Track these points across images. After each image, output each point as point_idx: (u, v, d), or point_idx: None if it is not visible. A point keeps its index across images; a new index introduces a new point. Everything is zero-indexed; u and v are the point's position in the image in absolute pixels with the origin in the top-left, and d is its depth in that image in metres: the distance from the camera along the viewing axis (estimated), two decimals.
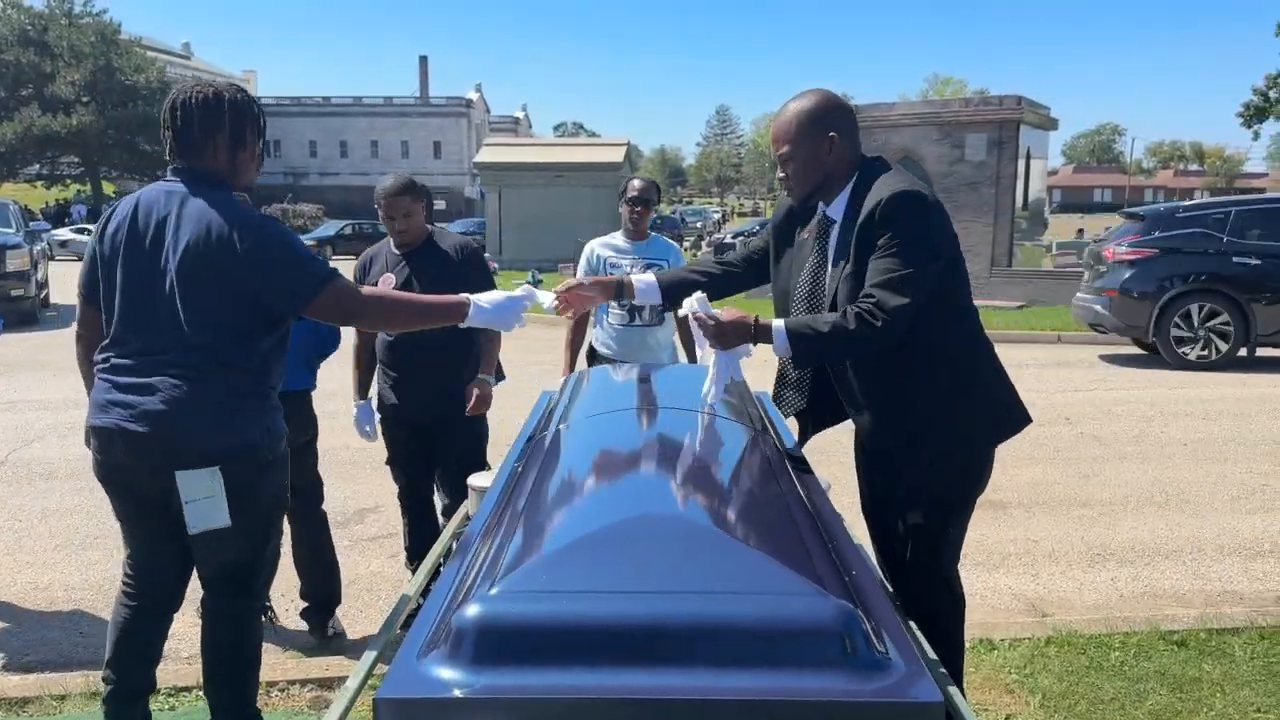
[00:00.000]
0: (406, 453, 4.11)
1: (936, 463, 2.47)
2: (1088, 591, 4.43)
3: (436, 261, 3.99)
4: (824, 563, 1.57)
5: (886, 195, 2.34)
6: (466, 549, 1.74)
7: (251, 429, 2.54)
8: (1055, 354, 11.82)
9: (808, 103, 2.50)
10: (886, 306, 2.30)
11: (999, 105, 16.55)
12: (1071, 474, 6.37)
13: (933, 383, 2.45)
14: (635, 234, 4.60)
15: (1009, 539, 5.11)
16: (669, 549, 1.50)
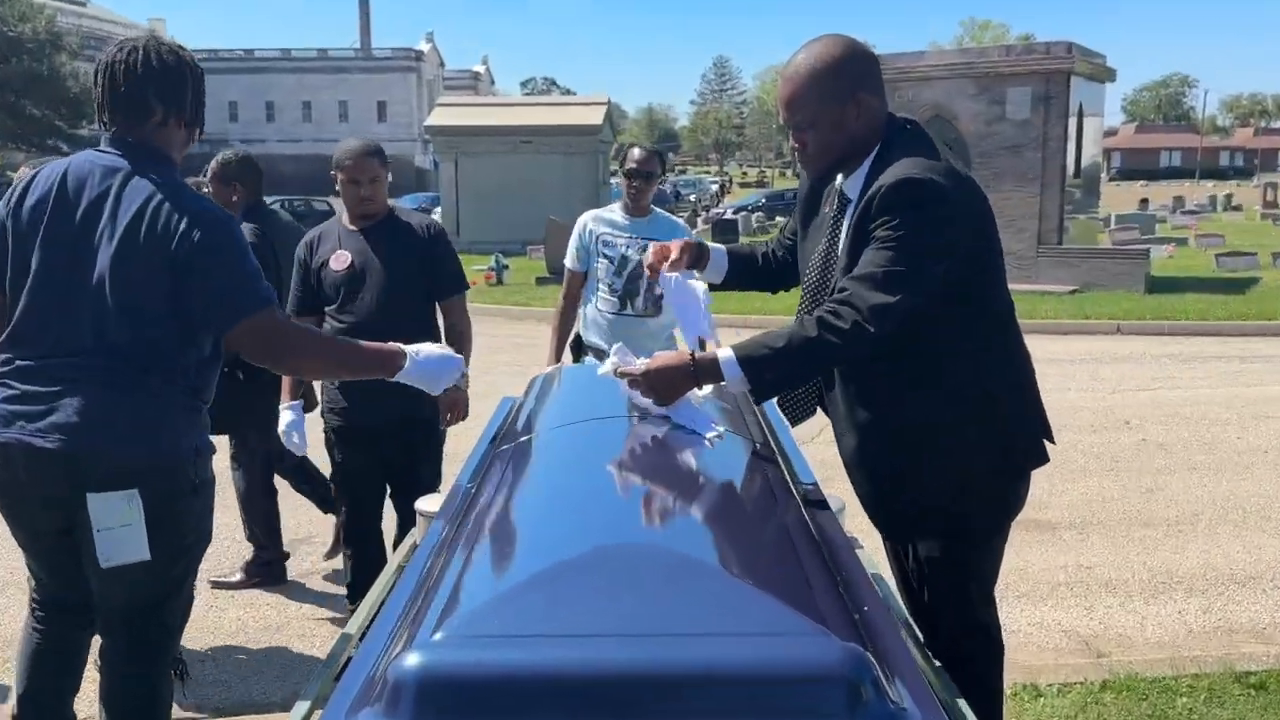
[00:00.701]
0: (357, 470, 4.13)
1: (944, 493, 2.45)
2: (1151, 627, 4.47)
3: (399, 238, 4.04)
4: (829, 598, 1.58)
5: (889, 182, 2.29)
6: (408, 585, 1.74)
7: (179, 446, 2.52)
8: (1113, 347, 11.89)
9: (826, 54, 2.40)
10: (859, 305, 2.23)
11: (1046, 54, 16.62)
12: (1132, 488, 6.42)
13: (935, 403, 2.40)
14: (635, 210, 4.64)
15: (1058, 566, 5.14)
16: (647, 584, 1.50)
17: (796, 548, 1.76)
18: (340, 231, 4.06)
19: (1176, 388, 9.53)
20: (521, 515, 1.96)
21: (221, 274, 2.47)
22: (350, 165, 3.94)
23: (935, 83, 16.87)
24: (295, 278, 4.09)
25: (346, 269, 3.97)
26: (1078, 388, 9.45)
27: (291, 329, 2.65)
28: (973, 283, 2.39)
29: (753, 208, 41.53)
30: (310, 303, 4.06)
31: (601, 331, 4.65)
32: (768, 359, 2.29)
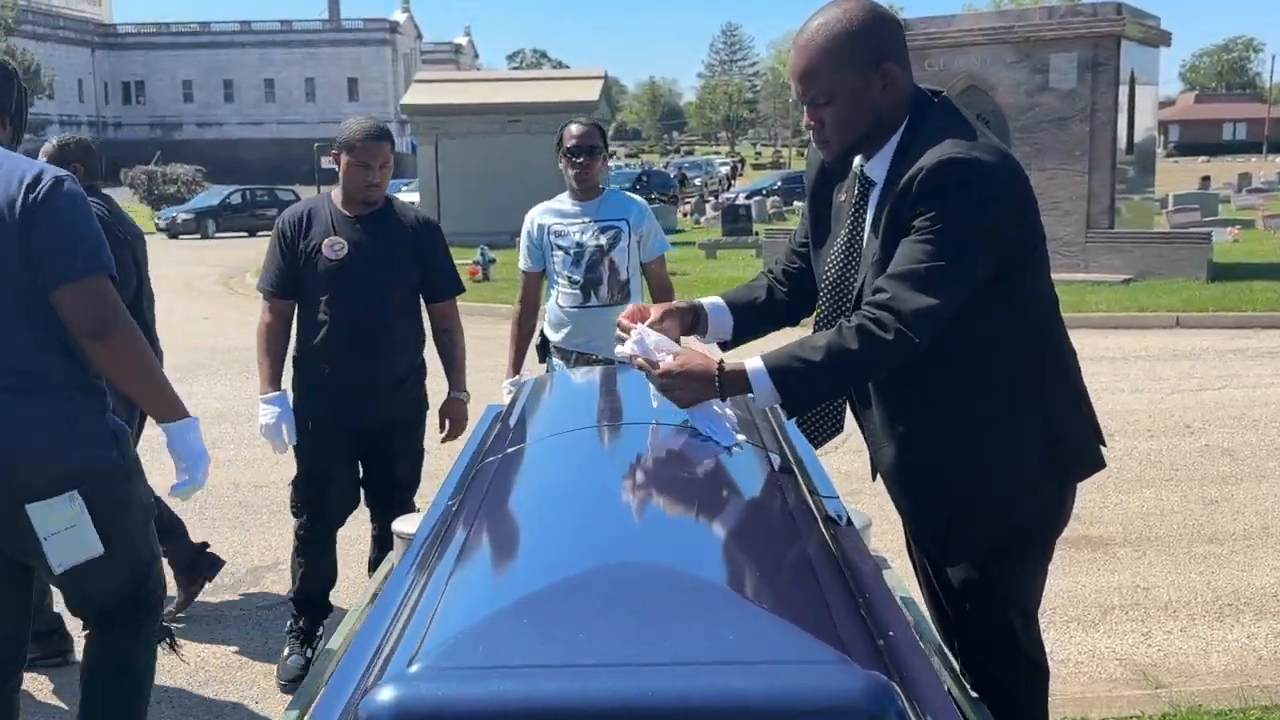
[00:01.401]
0: (325, 474, 4.21)
1: (980, 507, 2.46)
2: (1215, 654, 4.47)
3: (397, 230, 4.15)
4: (851, 623, 1.59)
5: (930, 163, 2.26)
6: (384, 612, 1.75)
7: (101, 438, 2.75)
8: (1173, 341, 11.89)
9: (845, 18, 2.35)
10: (903, 309, 2.22)
11: (1093, 15, 16.62)
12: (1194, 499, 6.42)
13: (973, 407, 2.41)
14: (582, 192, 4.68)
15: (1111, 587, 5.15)
16: (648, 609, 1.51)
17: (814, 567, 1.77)
18: (333, 214, 4.12)
19: (1243, 387, 9.52)
20: (508, 534, 1.97)
21: (44, 233, 2.59)
22: (362, 148, 4.01)
23: (969, 50, 16.88)
24: (274, 257, 4.14)
25: (341, 258, 4.03)
26: (1132, 388, 9.45)
27: (121, 306, 2.71)
28: (1015, 273, 2.38)
29: (767, 191, 41.51)
30: (288, 286, 4.12)
31: (566, 328, 4.71)
32: (802, 373, 2.28)
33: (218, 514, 6.30)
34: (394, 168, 4.18)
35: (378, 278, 4.05)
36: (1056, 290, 2.56)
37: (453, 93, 28.06)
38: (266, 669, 4.39)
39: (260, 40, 77.13)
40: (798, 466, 2.44)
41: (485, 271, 18.11)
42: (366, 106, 74.91)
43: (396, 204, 4.23)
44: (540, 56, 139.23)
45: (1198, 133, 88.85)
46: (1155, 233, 18.29)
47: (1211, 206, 28.10)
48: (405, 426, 4.26)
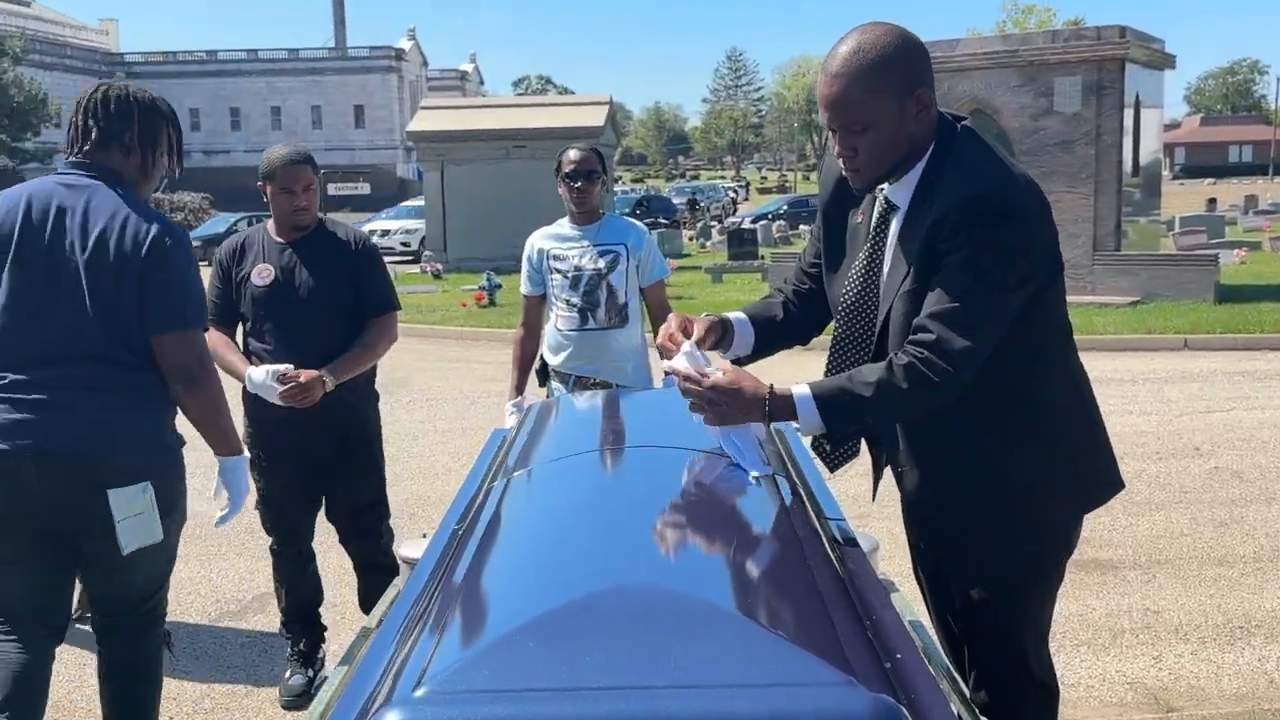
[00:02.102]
0: (286, 493, 4.28)
1: (998, 531, 2.47)
2: (1227, 677, 4.44)
3: (329, 251, 4.18)
4: (857, 645, 1.58)
5: (967, 195, 2.26)
6: (389, 636, 1.75)
7: (169, 435, 3.18)
8: (1181, 364, 11.87)
9: (880, 44, 2.32)
10: (950, 350, 2.24)
11: (1097, 40, 16.66)
12: (1204, 522, 6.40)
13: (996, 433, 2.43)
14: (581, 216, 4.70)
15: (1121, 610, 5.12)
16: (655, 632, 1.52)
17: (821, 590, 1.76)
18: (265, 242, 4.18)
19: (1253, 409, 9.50)
20: (515, 558, 1.97)
21: (162, 285, 3.00)
22: (283, 173, 4.06)
23: (974, 73, 16.92)
24: (213, 285, 4.19)
25: (269, 284, 4.08)
26: (1141, 410, 9.43)
27: (207, 358, 3.17)
28: (1039, 302, 2.40)
29: (773, 215, 41.54)
30: (226, 314, 4.18)
31: (564, 351, 4.73)
32: (850, 406, 2.30)
33: (223, 540, 6.30)
34: (399, 193, 4.22)
35: (309, 301, 4.08)
36: None
37: (459, 119, 28.16)
38: (272, 694, 4.38)
39: (267, 68, 77.51)
40: (804, 489, 2.44)
41: (491, 297, 18.13)
42: (373, 133, 75.30)
43: (329, 224, 4.26)
44: (545, 83, 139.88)
45: (1203, 155, 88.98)
46: (1162, 255, 18.27)
47: (1218, 228, 28.09)
48: (356, 445, 4.30)
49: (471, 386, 11.53)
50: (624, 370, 4.70)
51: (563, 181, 4.67)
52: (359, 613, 4.64)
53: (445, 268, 25.00)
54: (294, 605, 4.39)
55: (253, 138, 72.79)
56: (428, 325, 16.13)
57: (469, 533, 2.14)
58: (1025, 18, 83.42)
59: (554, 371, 4.82)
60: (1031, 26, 71.64)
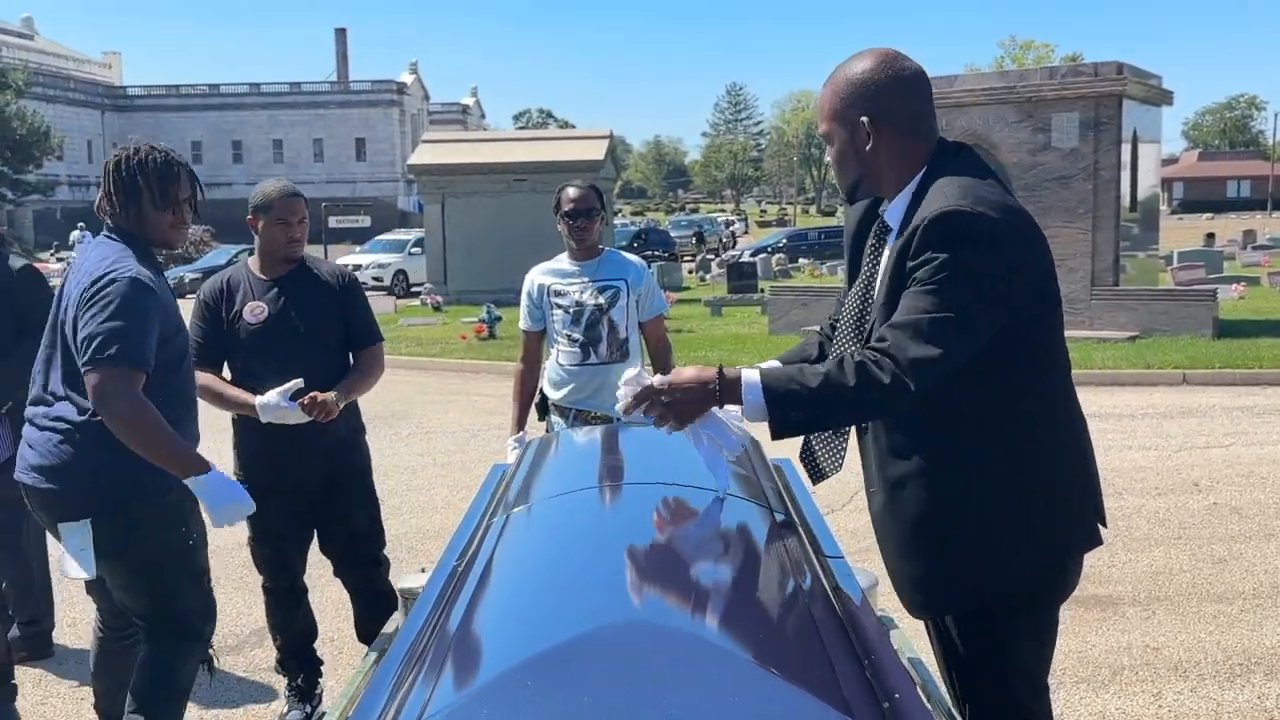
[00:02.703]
0: (278, 531, 4.28)
1: (959, 564, 2.44)
2: (1226, 715, 4.43)
3: (315, 287, 4.22)
4: (855, 684, 1.59)
5: (933, 213, 2.30)
6: (388, 673, 1.76)
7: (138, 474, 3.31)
8: (1180, 399, 11.88)
9: (850, 71, 2.48)
10: (902, 356, 2.25)
11: (1094, 76, 16.77)
12: (1203, 558, 6.39)
13: (960, 459, 2.40)
14: (581, 253, 4.75)
15: (1120, 647, 5.11)
16: (654, 672, 1.52)
17: (818, 629, 1.77)
18: (250, 280, 4.20)
19: (1251, 444, 9.49)
20: (514, 595, 1.98)
21: (88, 322, 3.21)
22: (280, 205, 4.12)
23: (971, 109, 17.01)
24: (197, 327, 4.19)
25: (262, 321, 4.10)
26: (1140, 445, 9.43)
27: (125, 401, 3.20)
28: (1023, 331, 2.38)
29: (773, 249, 41.66)
30: (212, 354, 4.18)
31: (565, 385, 4.76)
32: (797, 396, 2.30)
33: (221, 574, 6.28)
34: (399, 223, 4.26)
35: (301, 337, 4.11)
36: None
37: (460, 153, 28.28)
38: None
39: (269, 102, 77.95)
40: (802, 526, 2.45)
41: (491, 329, 18.15)
42: (374, 166, 75.60)
43: (310, 260, 4.30)
44: (546, 116, 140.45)
45: (1202, 190, 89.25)
46: (1161, 290, 18.30)
47: (1216, 263, 28.16)
48: (350, 481, 4.31)
49: (471, 419, 11.53)
50: None
51: (562, 219, 4.71)
52: (356, 646, 4.64)
53: (445, 300, 25.04)
54: (289, 642, 4.38)
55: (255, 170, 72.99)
56: (428, 358, 16.14)
57: (468, 569, 2.14)
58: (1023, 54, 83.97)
59: (554, 406, 4.83)
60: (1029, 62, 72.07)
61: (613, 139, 28.62)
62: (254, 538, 4.32)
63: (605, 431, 3.68)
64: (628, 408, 2.41)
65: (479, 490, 3.03)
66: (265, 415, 3.99)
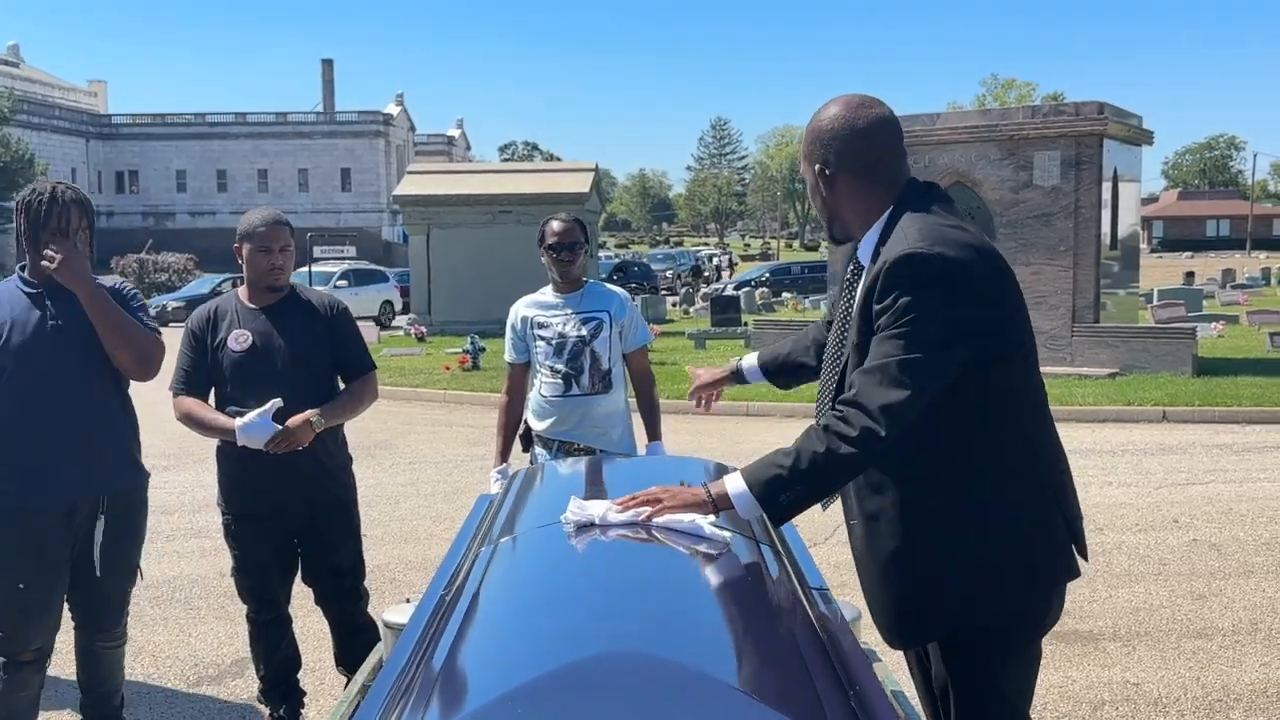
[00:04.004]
0: (262, 562, 4.27)
1: (960, 602, 2.46)
2: None
3: (303, 316, 4.23)
4: (841, 713, 1.60)
5: (893, 256, 2.36)
6: (376, 703, 1.76)
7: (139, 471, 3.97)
8: (1160, 436, 11.95)
9: (817, 119, 2.59)
10: (870, 404, 2.30)
11: (1075, 115, 16.94)
12: (1183, 594, 6.42)
13: (934, 492, 2.43)
14: (565, 285, 4.81)
15: (1101, 682, 5.13)
16: (642, 701, 1.53)
17: (805, 658, 1.78)
18: (238, 309, 4.21)
19: (1230, 481, 9.55)
20: (503, 625, 1.98)
21: None
22: (264, 232, 4.13)
23: (953, 147, 17.16)
24: (184, 356, 4.22)
25: (247, 349, 4.10)
26: (1120, 482, 9.48)
27: None
28: (994, 366, 2.42)
29: (756, 282, 41.80)
30: (198, 381, 4.19)
31: (549, 417, 4.78)
32: (779, 480, 2.35)
33: (203, 604, 6.27)
34: (382, 257, 4.27)
35: (286, 365, 4.11)
36: None
37: (445, 184, 28.34)
38: None
39: (254, 131, 77.96)
40: (788, 558, 2.47)
41: (475, 360, 18.15)
42: (359, 197, 75.63)
43: (300, 290, 4.31)
44: (531, 149, 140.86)
45: (1181, 229, 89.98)
46: (1141, 327, 18.41)
47: (1196, 302, 28.36)
48: (334, 510, 4.29)
49: (455, 450, 11.52)
50: (608, 436, 4.74)
51: (546, 251, 4.75)
52: (337, 676, 4.62)
53: (430, 331, 25.03)
54: (272, 673, 4.36)
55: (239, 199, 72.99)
56: (411, 388, 16.12)
57: (455, 600, 2.15)
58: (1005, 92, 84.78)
59: (538, 437, 4.85)
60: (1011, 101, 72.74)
61: (598, 172, 28.75)
62: (237, 568, 4.31)
63: (589, 463, 3.70)
64: (625, 504, 2.44)
65: (465, 521, 3.04)
66: (241, 437, 3.98)
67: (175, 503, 8.55)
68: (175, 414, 4.18)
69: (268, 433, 3.95)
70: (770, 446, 2.50)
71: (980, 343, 2.37)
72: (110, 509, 3.86)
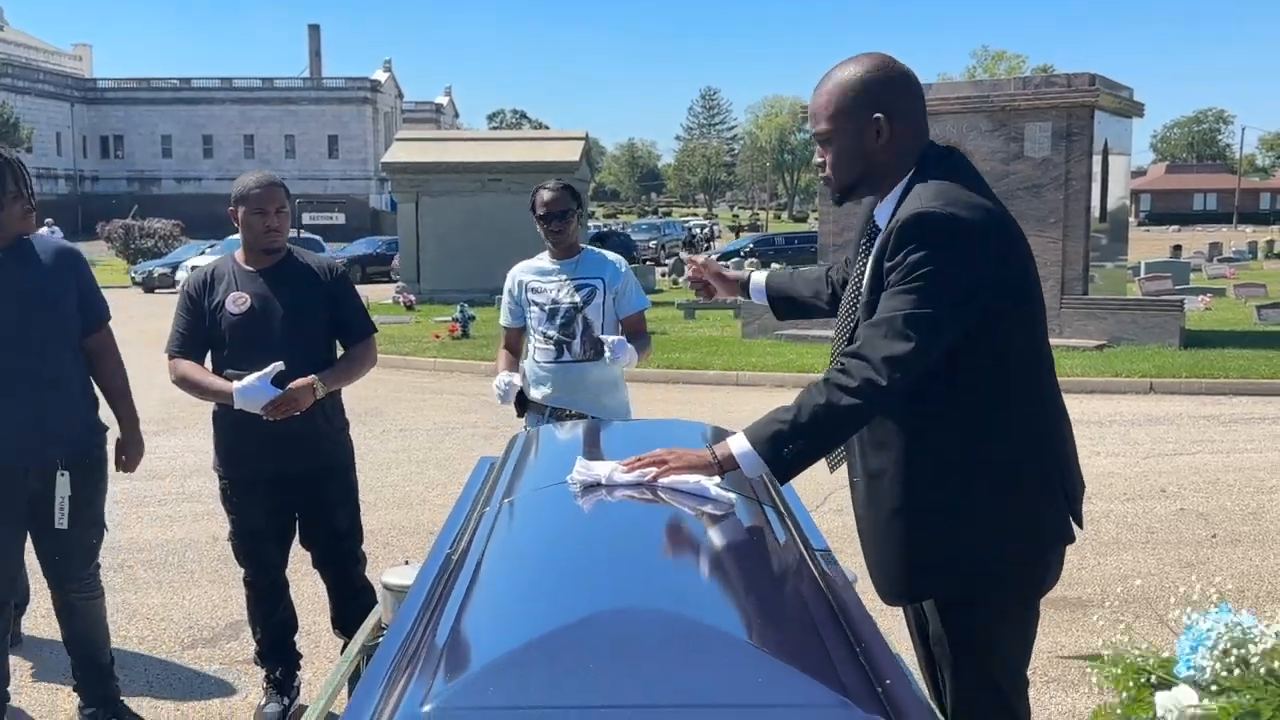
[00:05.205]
0: (259, 526, 4.28)
1: (952, 563, 2.48)
2: None
3: (301, 279, 4.21)
4: (850, 669, 1.62)
5: (906, 215, 2.37)
6: (384, 664, 1.76)
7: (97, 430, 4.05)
8: (1147, 407, 12.01)
9: (855, 70, 2.51)
10: (874, 355, 2.31)
11: (1066, 87, 16.91)
12: (1170, 562, 6.47)
13: (930, 449, 2.45)
14: (560, 252, 4.82)
15: (1091, 648, 5.16)
16: (656, 653, 1.55)
17: (813, 616, 1.80)
18: (235, 272, 4.19)
19: (1217, 452, 9.62)
20: (513, 580, 2.00)
21: None
22: (259, 194, 4.10)
23: (944, 118, 17.10)
24: (180, 319, 4.21)
25: (244, 311, 4.09)
26: (1108, 452, 9.53)
27: None
28: (999, 326, 2.44)
29: (743, 252, 41.75)
30: (194, 344, 4.19)
31: (541, 383, 4.80)
32: (780, 435, 2.36)
33: (197, 568, 6.28)
34: (370, 225, 4.24)
35: (284, 328, 4.10)
36: None
37: (434, 151, 28.21)
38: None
39: (241, 97, 77.39)
40: (790, 520, 2.48)
41: (464, 329, 18.11)
42: (347, 164, 75.24)
43: (297, 253, 4.28)
44: (520, 117, 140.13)
45: (1169, 202, 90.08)
46: (1129, 299, 18.47)
47: (1183, 275, 28.45)
48: (332, 475, 4.29)
49: (444, 417, 11.53)
50: (600, 403, 4.75)
51: (538, 221, 4.75)
52: (333, 639, 4.64)
53: (418, 299, 24.96)
54: (269, 636, 4.36)
55: (225, 165, 72.50)
56: (400, 356, 16.09)
57: (461, 562, 2.16)
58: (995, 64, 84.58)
59: (531, 403, 4.86)
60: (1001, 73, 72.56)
61: (587, 141, 28.64)
62: (234, 532, 4.32)
63: (588, 426, 3.71)
64: (630, 465, 2.44)
65: (466, 483, 3.05)
66: (240, 400, 3.97)
67: (167, 468, 8.54)
68: (171, 377, 4.17)
69: (266, 396, 3.95)
70: (761, 415, 2.51)
71: (988, 303, 2.38)
72: (69, 465, 3.91)
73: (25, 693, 4.57)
